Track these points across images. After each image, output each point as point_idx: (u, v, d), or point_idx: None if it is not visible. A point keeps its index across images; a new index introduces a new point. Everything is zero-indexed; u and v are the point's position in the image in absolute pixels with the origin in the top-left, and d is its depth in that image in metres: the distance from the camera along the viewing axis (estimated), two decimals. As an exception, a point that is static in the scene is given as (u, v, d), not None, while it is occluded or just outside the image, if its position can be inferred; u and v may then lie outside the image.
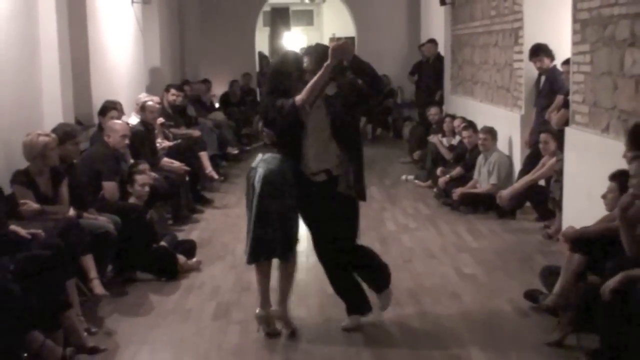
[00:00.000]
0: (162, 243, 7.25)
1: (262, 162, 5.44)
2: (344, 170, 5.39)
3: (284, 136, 5.41)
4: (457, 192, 9.62)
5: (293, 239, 5.53)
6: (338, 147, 5.38)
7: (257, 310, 5.56)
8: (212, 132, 12.61)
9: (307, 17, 26.26)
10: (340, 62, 5.26)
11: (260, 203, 5.35)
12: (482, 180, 9.67)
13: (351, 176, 5.40)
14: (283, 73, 5.42)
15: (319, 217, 5.52)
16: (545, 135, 8.59)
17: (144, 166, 7.87)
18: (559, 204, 7.94)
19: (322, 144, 5.39)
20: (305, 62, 5.42)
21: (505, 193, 8.98)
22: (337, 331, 5.66)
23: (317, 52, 5.45)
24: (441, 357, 5.18)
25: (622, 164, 5.46)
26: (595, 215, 5.84)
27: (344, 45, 5.20)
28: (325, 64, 5.20)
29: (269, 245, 5.40)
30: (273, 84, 5.45)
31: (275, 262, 5.62)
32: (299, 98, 5.22)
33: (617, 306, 4.66)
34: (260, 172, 5.38)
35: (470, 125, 10.58)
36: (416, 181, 11.63)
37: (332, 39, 22.49)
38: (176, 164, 9.45)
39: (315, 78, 5.21)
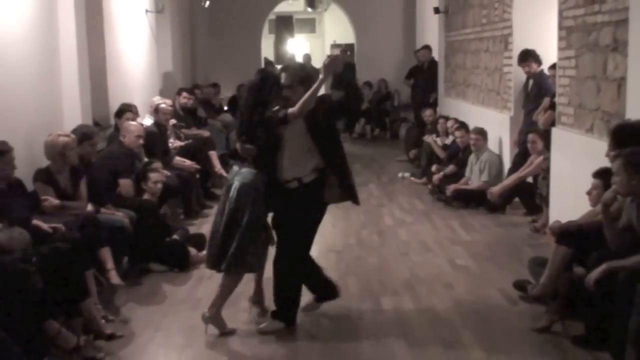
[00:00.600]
0: (175, 236, 7.26)
1: (238, 175, 5.37)
2: (329, 180, 5.38)
3: (263, 148, 5.32)
4: (451, 188, 9.62)
5: (244, 253, 5.28)
6: (319, 157, 5.34)
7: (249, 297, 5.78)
8: (221, 133, 12.58)
9: (310, 25, 26.26)
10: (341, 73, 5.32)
11: (231, 216, 5.29)
12: (474, 177, 9.67)
13: (338, 184, 5.40)
14: (262, 89, 5.35)
15: (287, 221, 5.45)
16: (532, 136, 8.59)
17: (157, 165, 7.87)
18: (546, 200, 7.94)
19: (297, 155, 5.34)
20: (283, 78, 5.40)
21: (496, 190, 8.99)
22: (337, 318, 5.68)
23: (293, 69, 5.51)
24: (435, 342, 5.18)
25: (605, 162, 5.46)
26: (580, 211, 5.84)
27: (334, 60, 5.20)
28: (319, 78, 5.19)
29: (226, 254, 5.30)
30: (255, 99, 5.35)
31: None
32: (292, 111, 5.15)
33: (601, 295, 4.67)
34: (236, 185, 5.31)
35: (462, 125, 10.57)
36: (412, 178, 11.63)
37: (333, 45, 22.51)
38: (187, 162, 9.46)
39: (309, 93, 5.14)
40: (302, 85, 5.30)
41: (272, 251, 5.57)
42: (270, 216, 5.57)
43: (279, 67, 7.15)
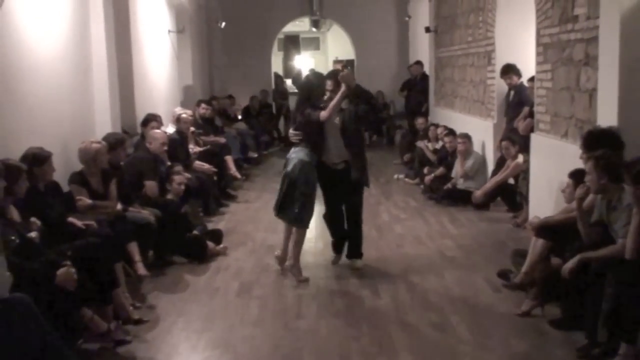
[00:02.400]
0: (195, 232, 7.24)
1: (294, 153, 6.29)
2: (354, 164, 6.34)
3: (310, 136, 6.25)
4: (454, 183, 9.63)
5: (308, 213, 6.28)
6: (344, 147, 6.31)
7: (277, 252, 6.56)
8: (236, 139, 12.59)
9: (315, 43, 26.21)
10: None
11: (291, 183, 6.17)
12: (461, 177, 9.65)
13: (359, 168, 6.38)
14: (312, 88, 6.34)
15: (339, 193, 6.51)
16: (506, 143, 8.62)
17: (179, 168, 7.87)
18: (526, 198, 7.93)
19: (340, 142, 6.33)
20: (328, 84, 6.37)
21: (478, 193, 8.99)
22: (339, 305, 5.66)
23: (335, 77, 6.32)
24: (427, 325, 5.18)
25: (579, 164, 5.45)
26: (556, 207, 5.83)
27: (347, 75, 6.12)
28: (340, 91, 6.11)
29: (292, 212, 6.25)
30: (304, 95, 6.38)
31: None
32: (323, 114, 6.14)
33: (575, 283, 4.65)
34: (295, 161, 6.20)
35: (450, 132, 10.56)
36: (406, 179, 11.60)
37: (335, 61, 22.47)
38: (206, 166, 9.45)
39: (334, 101, 6.14)
40: (339, 87, 6.17)
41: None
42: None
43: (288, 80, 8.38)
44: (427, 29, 14.10)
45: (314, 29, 22.73)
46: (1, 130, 5.39)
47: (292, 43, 24.73)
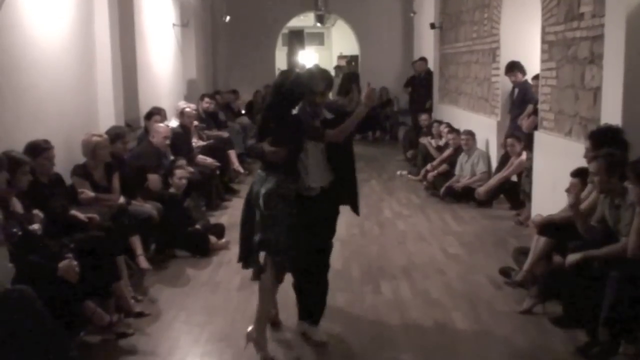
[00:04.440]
0: (197, 226, 7.25)
1: (265, 183, 4.52)
2: (345, 188, 4.86)
3: (290, 153, 4.52)
4: (460, 186, 9.53)
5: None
6: (328, 168, 4.75)
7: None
8: (239, 134, 12.58)
9: (319, 38, 26.21)
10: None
11: (263, 222, 4.57)
12: (465, 174, 9.65)
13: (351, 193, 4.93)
14: (310, 89, 4.64)
15: (310, 226, 4.66)
16: (511, 140, 8.64)
17: (182, 162, 7.88)
18: (528, 196, 7.92)
19: (321, 163, 4.73)
20: (320, 85, 4.71)
21: (482, 190, 8.98)
22: (340, 302, 5.66)
23: (328, 78, 4.85)
24: (428, 322, 5.18)
25: (582, 163, 5.44)
26: (559, 205, 5.82)
27: (372, 92, 4.71)
28: (361, 107, 4.67)
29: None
30: (284, 101, 4.54)
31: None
32: (330, 133, 4.61)
33: (577, 281, 4.66)
34: (263, 193, 4.47)
35: (453, 130, 10.55)
36: (409, 176, 11.60)
37: (339, 57, 22.46)
38: (208, 160, 9.45)
39: (349, 122, 4.65)
40: (330, 90, 4.92)
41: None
42: None
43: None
44: (432, 25, 14.09)
45: (318, 24, 22.72)
46: (4, 123, 5.40)
47: (297, 38, 24.73)
